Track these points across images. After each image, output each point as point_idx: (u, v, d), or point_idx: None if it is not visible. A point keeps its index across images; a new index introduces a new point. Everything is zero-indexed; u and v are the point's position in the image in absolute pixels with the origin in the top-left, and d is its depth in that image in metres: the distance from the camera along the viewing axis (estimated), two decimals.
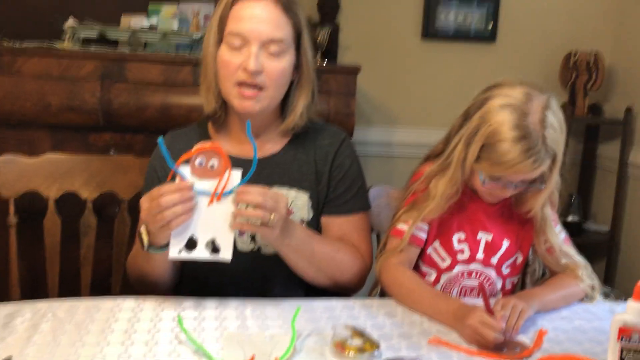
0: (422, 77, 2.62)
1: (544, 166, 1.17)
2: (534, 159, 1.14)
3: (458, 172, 1.23)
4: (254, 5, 1.23)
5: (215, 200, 1.08)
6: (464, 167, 1.22)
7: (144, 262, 1.24)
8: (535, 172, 1.17)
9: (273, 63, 1.23)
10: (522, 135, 1.13)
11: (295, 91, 1.32)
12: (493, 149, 1.16)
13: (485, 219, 1.32)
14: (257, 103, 1.24)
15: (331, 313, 1.16)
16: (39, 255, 1.58)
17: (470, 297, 1.34)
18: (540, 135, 1.14)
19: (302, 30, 1.29)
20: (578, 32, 2.64)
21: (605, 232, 2.58)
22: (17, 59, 1.93)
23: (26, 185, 1.52)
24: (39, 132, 1.99)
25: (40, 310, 1.11)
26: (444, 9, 2.57)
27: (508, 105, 1.16)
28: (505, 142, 1.14)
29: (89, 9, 2.27)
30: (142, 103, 1.95)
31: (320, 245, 1.25)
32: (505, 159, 1.14)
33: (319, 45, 2.24)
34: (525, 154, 1.13)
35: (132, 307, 1.14)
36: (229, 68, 1.23)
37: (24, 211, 1.55)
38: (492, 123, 1.16)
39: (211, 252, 1.10)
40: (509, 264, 1.34)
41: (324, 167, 1.34)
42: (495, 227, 1.32)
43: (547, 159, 1.16)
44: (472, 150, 1.19)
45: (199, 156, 1.07)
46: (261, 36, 1.21)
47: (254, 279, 1.32)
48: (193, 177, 1.08)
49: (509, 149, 1.13)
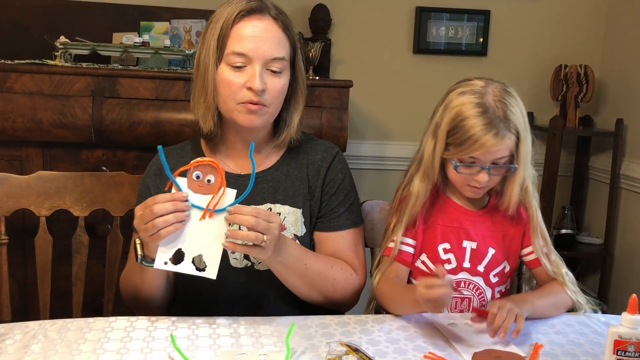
0: (414, 91, 2.63)
1: (508, 140, 1.22)
2: (495, 131, 1.20)
3: (429, 164, 1.30)
4: (255, 25, 1.23)
5: (207, 216, 1.08)
6: (434, 157, 1.29)
7: (137, 277, 1.23)
8: (499, 146, 1.22)
9: (275, 80, 1.24)
10: (482, 111, 1.22)
11: (290, 106, 1.33)
12: (458, 130, 1.24)
13: (469, 227, 1.34)
14: (260, 117, 1.25)
15: (326, 330, 1.15)
16: (30, 274, 1.57)
17: (462, 306, 1.34)
18: (499, 109, 1.22)
19: (297, 47, 1.30)
20: (567, 46, 2.67)
21: (599, 244, 2.59)
22: (9, 76, 1.92)
23: (17, 203, 1.50)
24: (30, 149, 1.98)
25: (31, 331, 1.09)
26: (435, 23, 2.59)
27: (467, 91, 1.26)
28: (468, 119, 1.22)
29: (80, 27, 2.28)
30: (134, 119, 1.95)
31: (313, 261, 1.25)
32: (469, 135, 1.21)
33: (311, 60, 2.25)
34: (486, 128, 1.20)
35: (125, 327, 1.13)
36: (231, 87, 1.22)
37: (15, 229, 1.53)
38: (454, 106, 1.25)
39: (196, 268, 1.10)
40: (496, 272, 1.35)
41: (317, 182, 1.34)
42: (479, 236, 1.34)
43: (510, 134, 1.22)
44: (440, 138, 1.26)
45: (197, 170, 1.07)
46: (264, 55, 1.22)
47: (247, 295, 1.31)
48: (189, 190, 1.07)
49: (472, 125, 1.21)
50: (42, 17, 2.33)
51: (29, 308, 1.98)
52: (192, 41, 2.34)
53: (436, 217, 1.35)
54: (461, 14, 2.61)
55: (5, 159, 1.97)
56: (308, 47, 2.24)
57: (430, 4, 2.58)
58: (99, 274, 1.59)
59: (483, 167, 1.25)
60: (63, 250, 1.61)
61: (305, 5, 2.47)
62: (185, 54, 2.12)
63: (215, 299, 1.31)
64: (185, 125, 1.94)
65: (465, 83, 1.29)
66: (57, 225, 1.64)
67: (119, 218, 1.55)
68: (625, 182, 2.50)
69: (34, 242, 1.52)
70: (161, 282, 1.24)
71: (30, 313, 1.95)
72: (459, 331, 1.18)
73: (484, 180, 1.26)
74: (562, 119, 2.49)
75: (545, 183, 2.49)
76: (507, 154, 1.25)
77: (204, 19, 2.32)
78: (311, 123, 2.00)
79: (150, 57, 2.15)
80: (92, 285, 1.65)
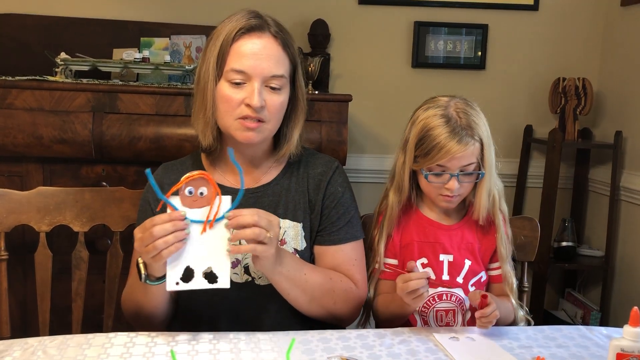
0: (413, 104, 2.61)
1: (472, 147, 1.30)
2: (459, 138, 1.28)
3: (400, 176, 1.38)
4: (255, 42, 1.24)
5: (208, 228, 1.08)
6: (404, 169, 1.37)
7: (140, 295, 1.23)
8: (464, 151, 1.29)
9: (274, 97, 1.25)
10: (445, 121, 1.30)
11: (290, 122, 1.34)
12: (424, 140, 1.31)
13: (445, 240, 1.39)
14: (259, 134, 1.25)
15: (326, 344, 1.15)
16: (29, 290, 1.56)
17: (447, 319, 1.37)
18: (462, 119, 1.31)
19: (297, 64, 1.31)
20: (565, 59, 2.69)
21: (599, 256, 2.58)
22: (10, 92, 1.93)
23: (17, 219, 1.50)
24: (30, 165, 1.98)
25: (31, 348, 1.09)
26: (433, 37, 2.61)
27: (431, 106, 1.36)
28: (433, 129, 1.30)
29: (81, 44, 2.30)
30: (135, 134, 1.95)
31: (313, 274, 1.25)
32: (435, 144, 1.29)
33: (311, 74, 2.26)
34: (450, 135, 1.28)
35: (124, 342, 1.12)
36: (230, 103, 1.23)
37: (15, 245, 1.53)
38: (420, 120, 1.34)
39: (209, 281, 1.09)
40: (474, 282, 1.39)
41: (317, 196, 1.35)
42: (455, 249, 1.39)
43: (473, 141, 1.30)
44: (409, 151, 1.35)
45: (188, 185, 1.07)
46: (263, 72, 1.23)
47: (248, 310, 1.31)
48: (184, 207, 1.07)
49: (437, 134, 1.29)
50: (43, 33, 2.35)
51: (28, 324, 1.97)
52: (192, 57, 2.35)
53: (412, 234, 1.40)
54: (459, 28, 2.63)
55: (5, 175, 1.97)
56: (307, 61, 2.25)
57: (428, 18, 2.60)
58: (99, 290, 1.58)
59: (452, 174, 1.31)
60: (63, 266, 1.61)
61: (304, 20, 2.49)
62: (185, 69, 2.14)
63: (216, 313, 1.31)
64: (185, 140, 1.94)
65: (430, 100, 1.38)
66: (57, 241, 1.64)
67: (119, 233, 1.55)
68: (625, 194, 2.50)
69: (34, 258, 1.52)
70: (165, 299, 1.24)
71: (30, 329, 1.94)
72: (460, 345, 1.17)
73: (454, 188, 1.32)
74: (561, 132, 2.49)
75: (545, 196, 2.49)
76: (473, 160, 1.32)
77: (204, 35, 2.34)
78: (311, 137, 2.01)
79: (150, 72, 2.16)
80: (92, 301, 1.65)
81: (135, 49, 2.28)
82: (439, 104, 1.34)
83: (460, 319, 1.38)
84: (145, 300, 1.23)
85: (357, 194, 1.44)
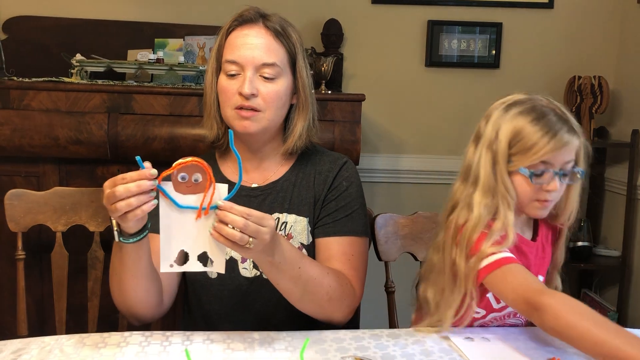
0: (426, 104, 2.63)
1: (576, 140, 1.17)
2: (568, 127, 1.16)
3: (490, 179, 1.19)
4: (246, 34, 1.28)
5: (202, 215, 1.05)
6: (498, 171, 1.18)
7: (117, 264, 1.16)
8: (571, 144, 1.16)
9: (268, 86, 1.27)
10: (545, 112, 1.17)
11: (294, 114, 1.35)
12: (520, 141, 1.16)
13: (532, 257, 1.26)
14: (254, 123, 1.27)
15: (340, 344, 1.15)
16: (46, 289, 1.58)
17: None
18: (558, 109, 1.19)
19: (297, 55, 1.32)
20: (580, 57, 2.66)
21: (616, 256, 2.55)
22: (27, 94, 1.95)
23: (34, 219, 1.52)
24: (47, 166, 2.00)
25: (47, 346, 1.10)
26: (447, 36, 2.60)
27: (511, 103, 1.21)
28: (536, 121, 1.16)
29: (96, 45, 2.32)
30: (149, 135, 1.97)
31: (309, 267, 1.20)
32: (540, 134, 1.15)
33: (324, 74, 2.26)
34: (559, 123, 1.16)
35: (140, 341, 1.13)
36: (227, 94, 1.28)
37: (32, 245, 1.55)
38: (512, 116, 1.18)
39: (203, 264, 1.07)
40: None
41: (322, 191, 1.35)
42: (534, 266, 1.27)
43: (576, 135, 1.17)
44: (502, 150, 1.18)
45: (181, 172, 1.03)
46: (254, 61, 1.26)
47: (257, 304, 1.32)
48: (177, 192, 1.04)
49: (544, 124, 1.15)
50: (58, 35, 2.37)
51: (45, 323, 2.00)
52: (206, 57, 2.36)
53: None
54: (473, 27, 2.61)
55: (22, 176, 2.00)
56: (320, 61, 2.25)
57: (442, 17, 2.59)
58: None
59: (555, 172, 1.17)
60: (79, 266, 1.63)
61: (317, 20, 2.49)
62: (199, 69, 2.15)
63: (225, 308, 1.32)
64: (199, 141, 1.95)
65: (502, 99, 1.23)
66: (72, 241, 1.65)
67: None
68: None
69: (51, 258, 1.54)
70: (143, 268, 1.16)
71: (47, 328, 1.96)
72: (475, 346, 1.16)
73: (555, 189, 1.18)
74: None
75: None
76: (573, 157, 1.19)
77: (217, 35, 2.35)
78: (324, 137, 2.01)
79: (164, 73, 2.18)
80: (107, 300, 1.65)
81: (149, 50, 2.29)
82: (522, 100, 1.20)
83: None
84: (122, 270, 1.16)
85: (370, 194, 1.43)
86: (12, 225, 1.50)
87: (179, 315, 1.53)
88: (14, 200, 1.51)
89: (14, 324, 1.52)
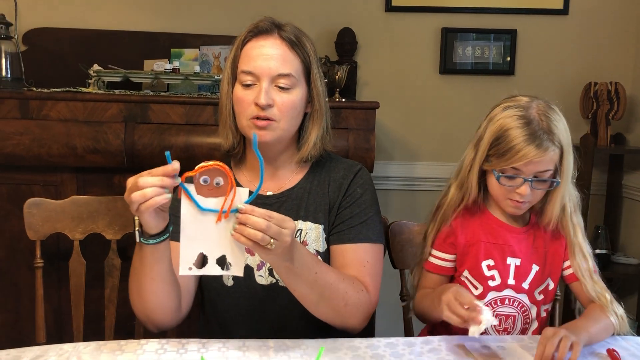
0: (441, 111, 2.63)
1: (551, 152, 1.23)
2: (538, 142, 1.21)
3: (465, 172, 1.33)
4: (262, 44, 1.29)
5: (223, 218, 1.06)
6: (473, 166, 1.31)
7: (138, 268, 1.18)
8: (542, 157, 1.22)
9: (283, 96, 1.28)
10: (525, 122, 1.23)
11: (308, 123, 1.36)
12: (501, 141, 1.25)
13: (514, 244, 1.33)
14: (270, 132, 1.28)
15: (355, 352, 1.15)
16: (64, 297, 1.59)
17: (507, 324, 1.33)
18: (544, 122, 1.23)
19: (312, 65, 1.34)
20: (596, 63, 2.64)
21: (635, 264, 2.52)
22: (45, 104, 1.98)
23: (52, 227, 1.54)
24: (65, 175, 2.03)
25: (65, 353, 1.11)
26: (461, 44, 2.59)
27: (511, 105, 1.28)
28: (511, 130, 1.23)
29: (113, 56, 2.35)
30: (165, 144, 1.99)
31: (325, 273, 1.21)
32: (511, 145, 1.23)
33: (338, 82, 2.27)
34: (529, 138, 1.21)
35: (156, 349, 1.14)
36: (242, 104, 1.29)
37: (50, 253, 1.57)
38: (497, 119, 1.27)
39: (222, 267, 1.08)
40: (541, 289, 1.34)
41: (337, 198, 1.36)
42: (523, 252, 1.33)
43: (553, 147, 1.23)
44: (481, 149, 1.29)
45: (203, 175, 1.05)
46: (270, 72, 1.27)
47: (272, 312, 1.32)
48: (199, 195, 1.05)
49: (515, 135, 1.23)
50: (76, 46, 2.40)
51: (63, 330, 2.02)
52: (221, 67, 2.39)
53: (479, 233, 1.35)
54: (487, 34, 2.60)
55: (41, 185, 2.03)
56: (334, 70, 2.26)
57: (456, 24, 2.59)
58: None
59: (526, 179, 1.24)
60: (96, 273, 1.65)
61: (331, 29, 2.50)
62: (215, 79, 2.17)
63: (241, 315, 1.33)
64: (215, 149, 1.97)
65: (510, 99, 1.31)
66: (90, 249, 1.67)
67: None
68: None
69: (68, 266, 1.56)
70: (162, 272, 1.18)
71: (64, 335, 1.98)
72: (492, 355, 1.15)
73: (525, 193, 1.25)
74: (593, 137, 2.45)
75: None
76: (550, 167, 1.25)
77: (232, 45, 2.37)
78: (338, 144, 2.01)
79: (180, 83, 2.20)
80: (124, 308, 1.67)
81: (165, 60, 2.32)
82: (519, 104, 1.27)
83: (520, 325, 1.34)
84: (142, 272, 1.17)
85: (384, 201, 1.43)
86: (31, 234, 1.52)
87: (193, 322, 1.53)
88: (32, 209, 1.53)
89: (33, 331, 1.54)
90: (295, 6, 2.51)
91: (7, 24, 2.21)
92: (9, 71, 2.19)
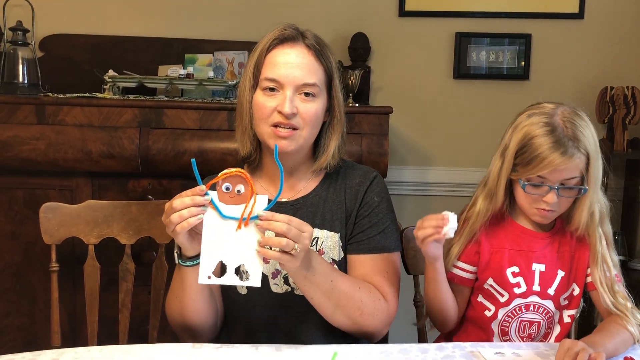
0: (455, 116, 2.61)
1: (577, 160, 1.21)
2: (563, 149, 1.19)
3: (494, 183, 1.29)
4: (287, 52, 1.28)
5: (243, 226, 1.08)
6: (500, 176, 1.28)
7: (177, 287, 1.24)
8: (567, 164, 1.20)
9: (307, 105, 1.27)
10: (550, 130, 1.21)
11: (327, 132, 1.36)
12: (526, 149, 1.23)
13: (538, 249, 1.32)
14: (292, 142, 1.27)
15: (368, 358, 1.14)
16: (78, 301, 1.60)
17: (531, 330, 1.32)
18: (568, 129, 1.21)
19: (333, 74, 1.33)
20: (612, 67, 2.61)
21: None
22: (61, 109, 2.00)
23: (68, 232, 1.55)
24: (80, 179, 2.05)
25: (80, 357, 1.12)
26: (475, 48, 2.58)
27: (536, 112, 1.26)
28: (536, 138, 1.22)
29: (128, 61, 2.38)
30: (179, 149, 2.00)
31: (340, 281, 1.22)
32: (536, 154, 1.21)
33: (351, 87, 2.27)
34: (554, 146, 1.19)
35: (169, 353, 1.14)
36: (264, 111, 1.27)
37: (65, 257, 1.58)
38: (522, 127, 1.25)
39: (240, 278, 1.10)
40: (566, 295, 1.33)
41: (354, 206, 1.35)
42: (548, 258, 1.32)
43: (579, 154, 1.21)
44: (508, 158, 1.26)
45: (225, 182, 1.08)
46: (295, 81, 1.26)
47: (287, 320, 1.32)
48: (220, 202, 1.08)
49: (540, 143, 1.21)
50: (91, 52, 2.43)
51: (77, 334, 2.03)
52: (235, 72, 2.39)
53: (503, 241, 1.33)
54: (502, 38, 2.59)
55: (56, 189, 2.05)
56: (348, 75, 2.26)
57: (469, 29, 2.58)
58: (145, 301, 1.61)
59: (552, 187, 1.22)
60: (110, 278, 1.65)
61: (344, 34, 2.50)
62: (228, 84, 2.17)
63: (256, 323, 1.32)
64: (228, 154, 1.97)
65: (535, 106, 1.29)
66: (104, 253, 1.68)
67: (164, 245, 1.58)
68: None
69: (83, 270, 1.56)
70: (201, 291, 1.23)
71: (79, 339, 1.99)
72: None
73: (552, 201, 1.23)
74: (609, 142, 2.42)
75: None
76: (576, 174, 1.23)
77: (246, 51, 2.38)
78: (351, 150, 2.01)
79: (194, 88, 2.21)
80: (138, 312, 1.68)
81: (179, 66, 2.33)
82: (544, 111, 1.25)
83: (543, 331, 1.33)
84: (182, 292, 1.22)
85: (398, 207, 1.43)
86: (47, 238, 1.54)
87: None
88: (48, 214, 1.54)
89: (48, 335, 1.55)
90: (308, 11, 2.52)
91: (24, 30, 2.24)
92: (25, 77, 2.22)
